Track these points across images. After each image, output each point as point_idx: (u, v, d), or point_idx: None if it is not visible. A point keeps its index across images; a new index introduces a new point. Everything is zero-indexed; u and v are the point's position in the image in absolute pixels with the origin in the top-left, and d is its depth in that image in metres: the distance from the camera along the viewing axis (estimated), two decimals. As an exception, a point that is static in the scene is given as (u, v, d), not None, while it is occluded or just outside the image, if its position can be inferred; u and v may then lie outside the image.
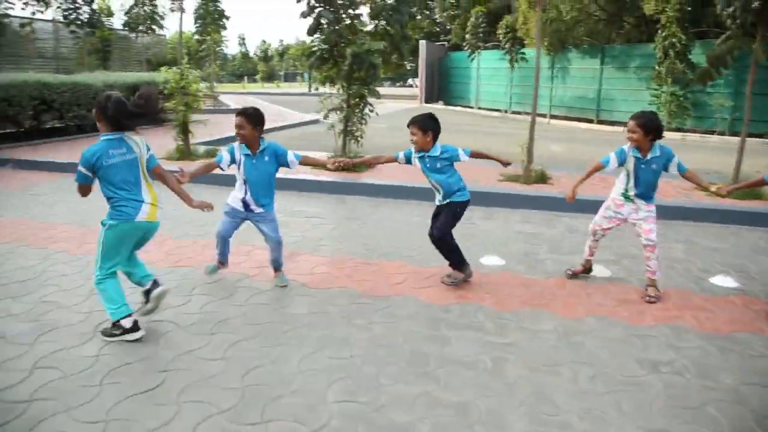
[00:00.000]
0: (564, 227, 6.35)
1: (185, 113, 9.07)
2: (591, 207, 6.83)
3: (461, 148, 4.40)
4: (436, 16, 39.02)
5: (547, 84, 23.32)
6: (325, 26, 8.08)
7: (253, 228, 4.44)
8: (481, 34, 25.44)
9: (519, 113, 24.67)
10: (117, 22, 26.20)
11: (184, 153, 9.36)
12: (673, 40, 16.44)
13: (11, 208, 6.70)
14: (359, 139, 8.59)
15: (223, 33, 22.71)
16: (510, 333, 3.70)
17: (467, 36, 26.30)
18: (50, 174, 8.89)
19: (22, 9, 21.45)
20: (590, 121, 21.28)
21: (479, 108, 26.78)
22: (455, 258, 4.46)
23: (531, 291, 4.43)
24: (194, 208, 3.91)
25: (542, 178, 7.94)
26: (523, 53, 23.25)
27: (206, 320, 3.81)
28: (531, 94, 24.72)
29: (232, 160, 4.35)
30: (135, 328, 3.48)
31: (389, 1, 8.50)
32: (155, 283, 3.69)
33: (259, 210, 4.32)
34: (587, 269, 4.79)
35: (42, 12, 21.64)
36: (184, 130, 9.34)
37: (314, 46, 8.40)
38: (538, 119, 23.01)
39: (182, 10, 15.24)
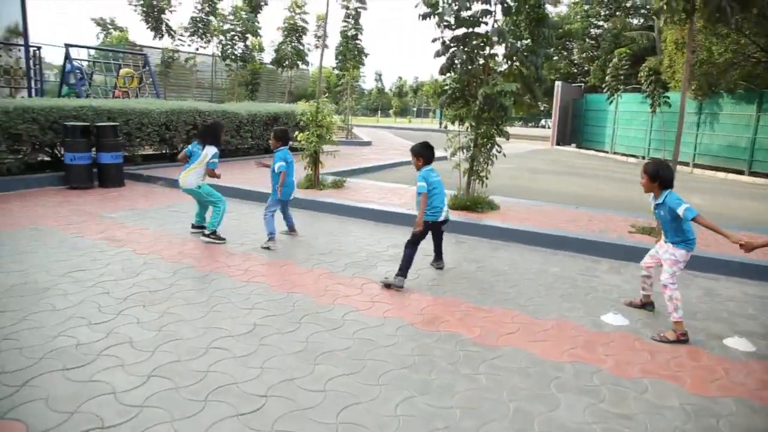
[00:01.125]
0: (701, 290, 5.75)
1: (317, 144, 9.47)
2: (728, 268, 6.24)
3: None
4: (575, 57, 38.05)
5: (692, 130, 21.74)
6: (458, 66, 8.12)
7: (369, 262, 4.49)
8: (621, 76, 24.34)
9: (659, 160, 23.14)
10: (267, 57, 28.44)
11: (312, 182, 9.77)
12: None
13: (153, 221, 7.35)
14: (485, 179, 8.46)
15: (362, 69, 23.67)
16: (628, 404, 3.36)
17: (608, 78, 25.28)
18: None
19: (188, 45, 23.88)
20: (740, 173, 19.44)
21: (614, 152, 25.50)
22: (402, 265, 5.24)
23: (657, 359, 4.02)
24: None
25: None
26: (667, 97, 21.85)
27: (311, 349, 3.87)
28: (672, 140, 23.24)
29: None
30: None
31: (526, 42, 8.38)
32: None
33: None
34: (643, 304, 5.06)
35: (204, 48, 23.95)
36: (315, 161, 9.76)
37: (446, 84, 8.46)
38: (680, 168, 21.53)
39: (325, 47, 16.17)
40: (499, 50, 8.40)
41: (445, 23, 7.78)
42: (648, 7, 32.86)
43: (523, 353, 3.97)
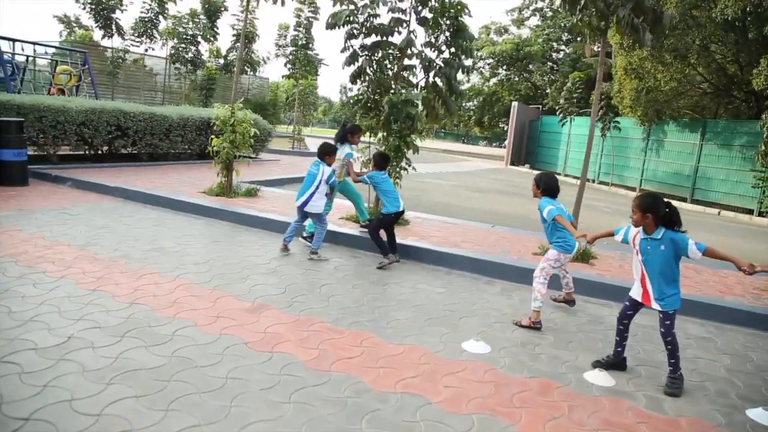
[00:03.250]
0: (587, 316, 5.47)
1: (229, 151, 9.03)
2: (616, 294, 5.96)
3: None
4: (536, 79, 38.44)
5: (640, 156, 21.96)
6: (369, 75, 7.80)
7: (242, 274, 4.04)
8: (575, 100, 24.53)
9: (606, 184, 23.32)
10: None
11: (224, 189, 9.31)
12: (783, 119, 14.81)
13: (34, 223, 6.78)
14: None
15: (318, 79, 23.39)
16: (443, 444, 2.99)
17: (561, 100, 25.48)
18: (98, 195, 9.13)
19: (138, 46, 23.27)
20: (683, 200, 19.60)
21: (566, 175, 25.61)
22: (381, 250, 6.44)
23: (501, 392, 3.66)
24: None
25: (585, 257, 7.03)
26: (617, 122, 22.06)
27: (116, 367, 3.39)
28: (621, 165, 23.45)
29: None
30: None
31: (443, 55, 8.10)
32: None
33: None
34: (565, 300, 5.60)
35: (153, 49, 23.35)
36: (227, 168, 9.31)
37: (359, 94, 8.14)
38: (626, 192, 21.67)
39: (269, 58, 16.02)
40: (417, 62, 8.12)
41: (354, 31, 7.46)
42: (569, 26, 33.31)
43: (352, 381, 3.58)
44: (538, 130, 29.55)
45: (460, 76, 8.07)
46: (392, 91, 7.77)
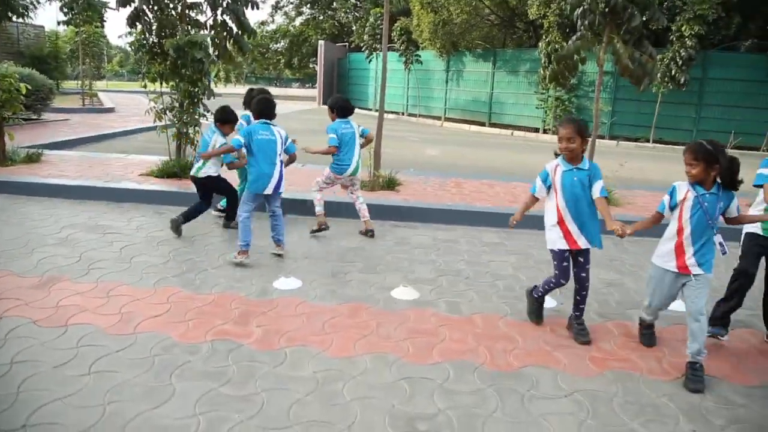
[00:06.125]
0: (395, 239, 5.80)
1: (-7, 112, 7.84)
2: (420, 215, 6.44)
3: None
4: (340, 17, 38.42)
5: (442, 86, 23.24)
6: (149, 17, 7.16)
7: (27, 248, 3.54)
8: (378, 36, 25.01)
9: (414, 115, 24.48)
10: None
11: (-4, 157, 8.12)
12: (555, 45, 16.58)
13: None
14: (195, 143, 7.71)
15: (110, 27, 20.98)
16: (253, 383, 3.02)
17: (365, 37, 25.83)
18: None
19: None
20: (482, 124, 21.32)
21: (376, 110, 26.39)
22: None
23: (313, 322, 3.77)
24: None
25: (391, 184, 7.39)
26: (418, 55, 23.03)
27: None
28: (426, 96, 24.57)
29: None
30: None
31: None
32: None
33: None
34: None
35: None
36: (-2, 131, 8.10)
37: (142, 38, 7.46)
38: (433, 121, 22.97)
39: None
40: (202, -1, 7.62)
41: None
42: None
43: (159, 339, 3.43)
44: (346, 68, 29.84)
45: (259, 15, 7.76)
46: (177, 33, 7.25)
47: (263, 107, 4.92)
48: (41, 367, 3.08)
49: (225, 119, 5.50)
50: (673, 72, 15.91)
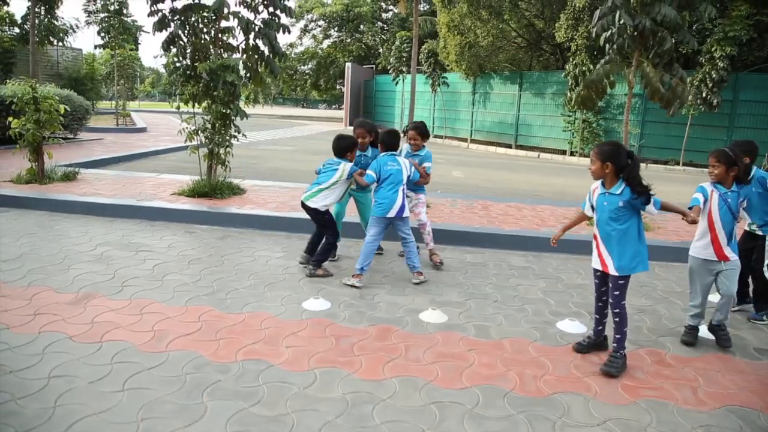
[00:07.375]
0: (420, 261, 5.81)
1: (34, 132, 8.10)
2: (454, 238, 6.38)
3: None
4: (367, 40, 38.94)
5: (468, 108, 23.31)
6: (184, 41, 7.37)
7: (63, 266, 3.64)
8: (404, 58, 25.31)
9: (441, 137, 24.55)
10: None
11: (35, 175, 8.37)
12: (583, 68, 16.56)
13: None
14: (227, 163, 7.86)
15: (143, 49, 21.71)
16: (284, 403, 3.04)
17: (392, 59, 26.13)
18: None
19: None
20: (509, 146, 21.29)
21: (403, 131, 26.54)
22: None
23: (341, 344, 3.79)
24: None
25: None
26: (445, 77, 23.19)
27: None
28: (453, 118, 24.69)
29: None
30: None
31: (262, 16, 7.87)
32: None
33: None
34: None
35: None
36: (36, 151, 8.37)
37: (177, 61, 7.67)
38: (459, 143, 23.01)
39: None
40: (236, 23, 7.81)
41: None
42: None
43: (190, 357, 3.48)
44: (373, 89, 30.14)
45: (288, 38, 7.94)
46: (210, 56, 7.43)
47: (393, 140, 5.20)
48: (77, 382, 3.14)
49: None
50: (704, 94, 15.73)
